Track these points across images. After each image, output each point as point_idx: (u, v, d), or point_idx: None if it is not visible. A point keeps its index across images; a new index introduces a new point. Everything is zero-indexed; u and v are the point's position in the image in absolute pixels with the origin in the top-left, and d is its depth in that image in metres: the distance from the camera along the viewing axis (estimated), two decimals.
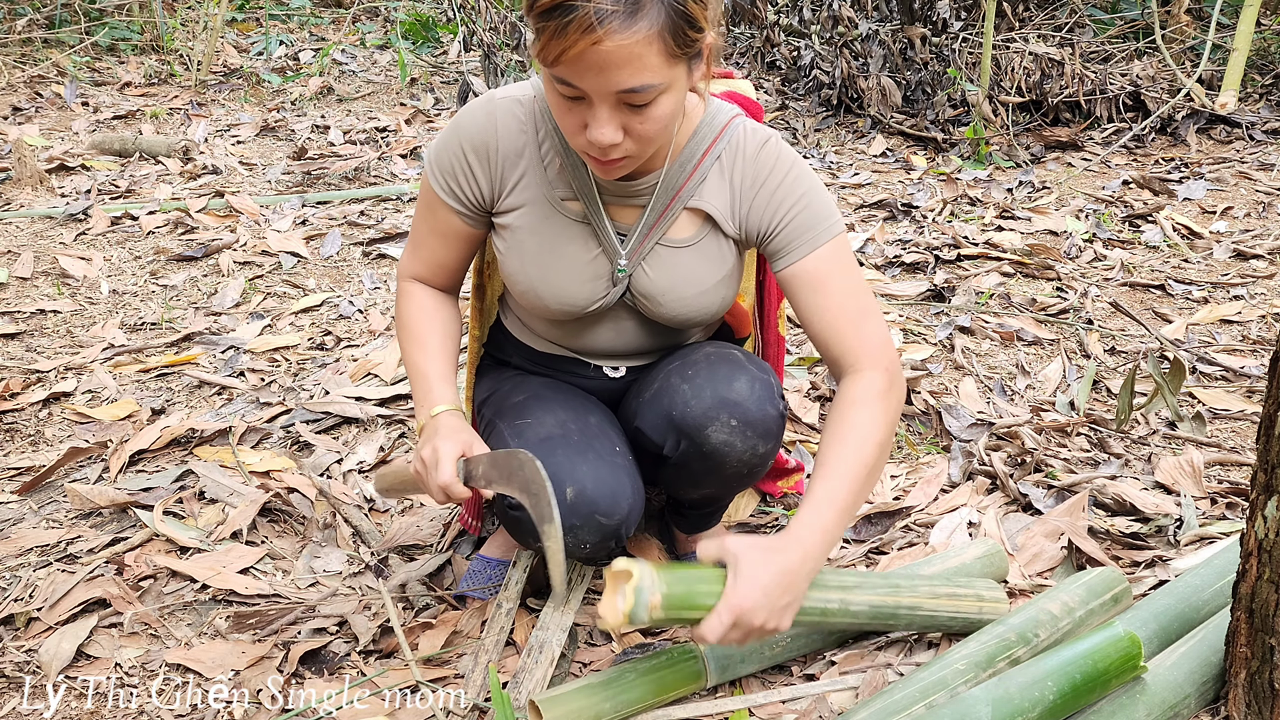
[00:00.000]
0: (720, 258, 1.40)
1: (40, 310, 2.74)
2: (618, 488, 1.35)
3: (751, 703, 1.39)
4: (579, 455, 1.35)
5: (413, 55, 5.43)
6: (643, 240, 1.38)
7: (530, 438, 1.38)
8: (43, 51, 5.32)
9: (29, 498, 1.94)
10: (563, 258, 1.38)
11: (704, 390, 1.37)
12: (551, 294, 1.39)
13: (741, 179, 1.37)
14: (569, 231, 1.38)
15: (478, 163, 1.36)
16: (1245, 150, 3.89)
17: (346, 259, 3.13)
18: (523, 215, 1.38)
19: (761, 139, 1.37)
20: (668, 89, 1.15)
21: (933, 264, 2.98)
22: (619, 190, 1.36)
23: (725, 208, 1.37)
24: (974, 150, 3.98)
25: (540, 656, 1.43)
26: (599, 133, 1.16)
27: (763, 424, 1.38)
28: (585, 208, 1.37)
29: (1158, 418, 2.13)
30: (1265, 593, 1.20)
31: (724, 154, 1.37)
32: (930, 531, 1.78)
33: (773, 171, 1.36)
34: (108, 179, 3.78)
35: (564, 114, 1.18)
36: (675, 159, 1.35)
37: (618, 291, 1.41)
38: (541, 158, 1.36)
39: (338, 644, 1.57)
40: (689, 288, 1.39)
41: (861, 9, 4.52)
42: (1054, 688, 1.23)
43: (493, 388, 1.58)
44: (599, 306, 1.42)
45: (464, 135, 1.36)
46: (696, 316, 1.42)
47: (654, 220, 1.37)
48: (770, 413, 1.39)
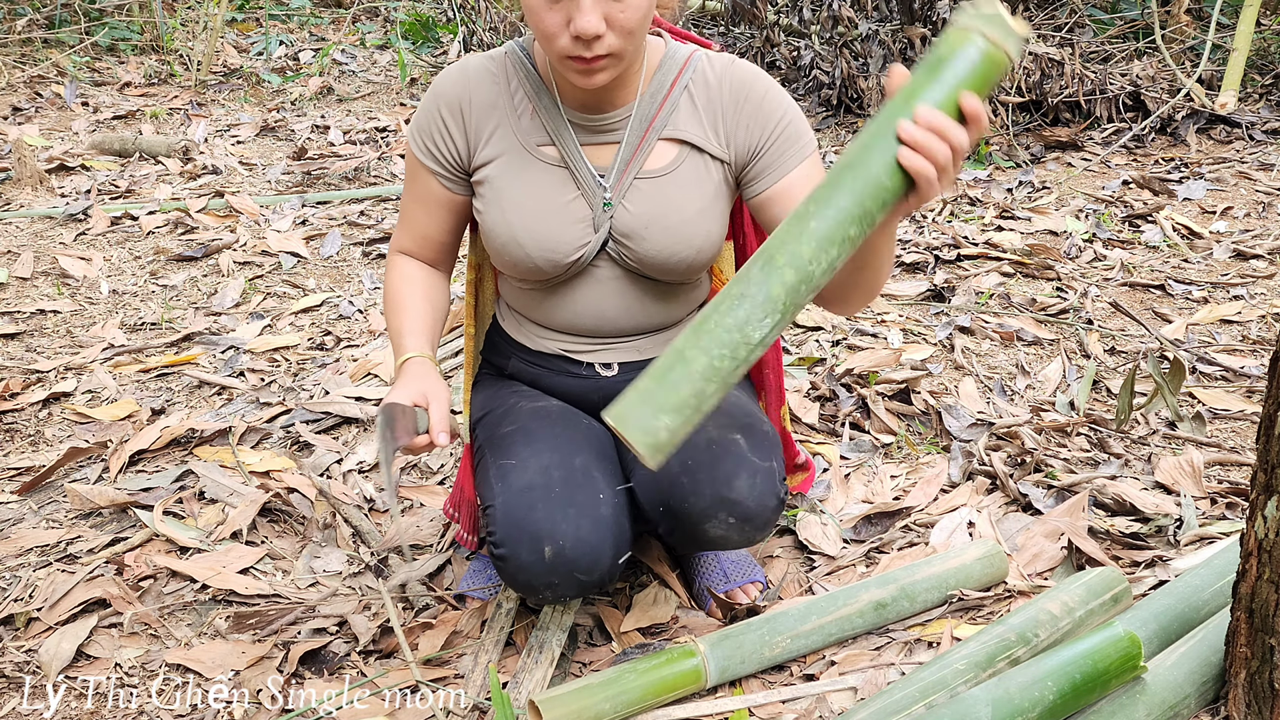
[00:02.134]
0: (700, 181, 1.39)
1: (40, 310, 2.74)
2: (598, 545, 1.32)
3: (751, 703, 1.39)
4: (559, 511, 1.32)
5: (413, 55, 5.43)
6: (621, 175, 1.38)
7: (513, 484, 1.36)
8: (43, 51, 5.32)
9: (29, 498, 1.94)
10: (542, 202, 1.38)
11: (703, 489, 1.35)
12: (533, 241, 1.38)
13: (720, 100, 1.39)
14: (547, 176, 1.38)
15: (452, 119, 1.39)
16: (1245, 150, 3.89)
17: (346, 259, 3.13)
18: (498, 166, 1.39)
19: (726, 60, 1.41)
20: None
21: (933, 264, 2.98)
22: (592, 128, 1.38)
23: (703, 130, 1.39)
24: (974, 150, 3.98)
25: (540, 656, 1.43)
26: (584, 20, 1.18)
27: (761, 516, 1.38)
28: (561, 150, 1.38)
29: (1158, 418, 2.13)
30: (1265, 593, 1.20)
31: (691, 82, 1.39)
32: (930, 531, 1.78)
33: (751, 88, 1.39)
34: (108, 179, 3.78)
35: (545, 13, 1.21)
36: (644, 92, 1.38)
37: (600, 237, 1.40)
38: (514, 107, 1.39)
39: (338, 644, 1.57)
40: (671, 215, 1.38)
41: (861, 9, 4.52)
42: (1054, 688, 1.23)
43: (487, 407, 1.57)
44: (582, 255, 1.40)
45: (439, 94, 1.40)
46: (682, 250, 1.39)
47: (630, 155, 1.38)
48: (769, 505, 1.38)
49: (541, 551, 1.30)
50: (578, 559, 1.31)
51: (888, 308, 2.71)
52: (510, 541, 1.31)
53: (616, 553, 1.35)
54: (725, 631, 1.45)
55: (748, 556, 1.70)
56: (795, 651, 1.47)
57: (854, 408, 2.21)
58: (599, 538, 1.33)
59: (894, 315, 2.67)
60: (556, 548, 1.30)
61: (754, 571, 1.67)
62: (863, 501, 1.90)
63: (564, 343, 1.52)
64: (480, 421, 1.55)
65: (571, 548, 1.30)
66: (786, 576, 1.71)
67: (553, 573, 1.31)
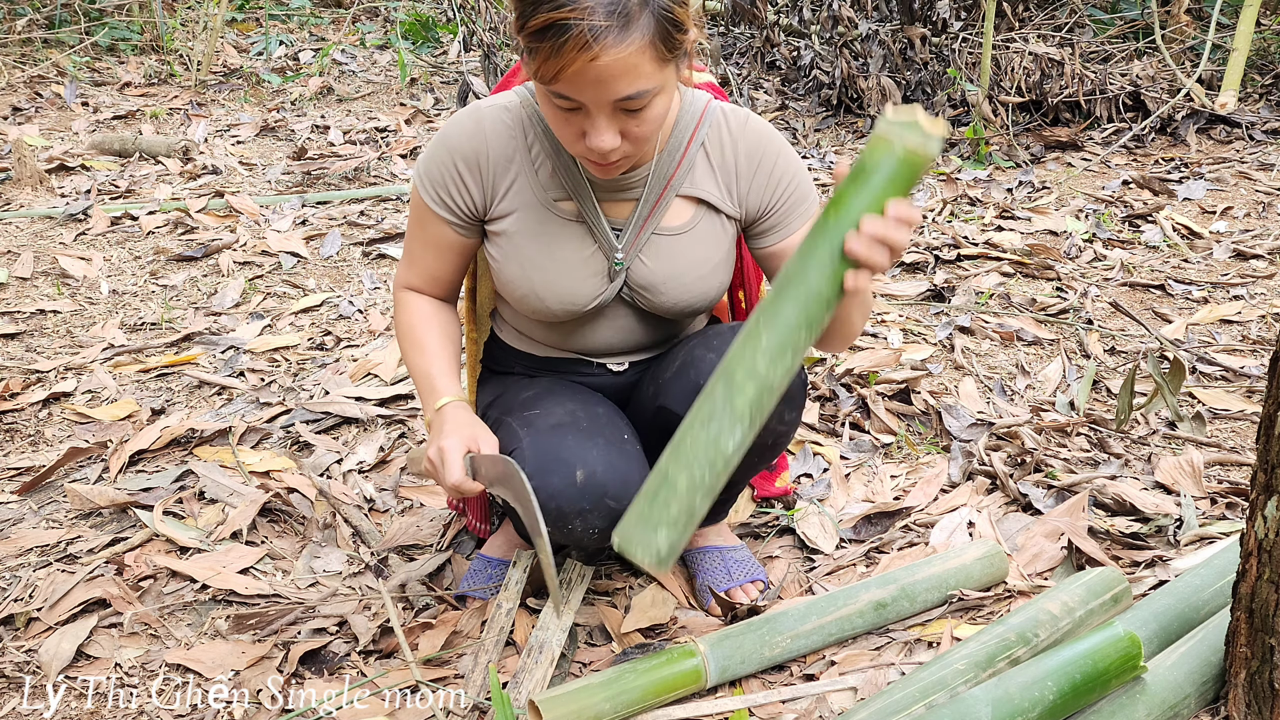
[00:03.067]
0: (715, 240, 1.42)
1: (40, 310, 2.74)
2: (628, 471, 1.35)
3: (751, 703, 1.39)
4: (588, 440, 1.36)
5: (413, 55, 5.43)
6: (638, 232, 1.40)
7: (540, 426, 1.38)
8: (43, 51, 5.32)
9: (29, 498, 1.94)
10: (560, 258, 1.39)
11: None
12: (553, 295, 1.40)
13: (735, 159, 1.40)
14: (565, 231, 1.39)
15: (468, 172, 1.37)
16: (1245, 150, 3.89)
17: (346, 259, 3.13)
18: (516, 220, 1.39)
19: (742, 118, 1.42)
20: (661, 90, 1.19)
21: (933, 264, 2.98)
22: (612, 186, 1.38)
23: (718, 190, 1.41)
24: (974, 150, 3.98)
25: (540, 656, 1.43)
26: (599, 140, 1.18)
27: (799, 396, 1.42)
28: (579, 206, 1.38)
29: (1158, 418, 2.13)
30: (1265, 593, 1.20)
31: (708, 139, 1.40)
32: (930, 531, 1.78)
33: (765, 151, 1.41)
34: (108, 179, 3.78)
35: (561, 125, 1.21)
36: (663, 150, 1.38)
37: (616, 286, 1.42)
38: (532, 161, 1.37)
39: (338, 644, 1.57)
40: (688, 274, 1.41)
41: (861, 9, 4.52)
42: (1054, 688, 1.23)
43: (498, 391, 1.58)
44: (599, 303, 1.42)
45: (453, 146, 1.37)
46: (696, 303, 1.44)
47: (648, 212, 1.39)
48: (796, 378, 1.41)
49: (573, 476, 1.32)
50: (609, 482, 1.33)
51: (888, 308, 2.71)
52: (542, 471, 1.32)
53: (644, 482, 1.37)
54: (725, 631, 1.45)
55: (749, 556, 1.70)
56: (795, 651, 1.47)
57: (854, 408, 2.21)
58: (627, 464, 1.36)
59: (894, 315, 2.67)
60: (589, 471, 1.32)
61: (755, 571, 1.67)
62: (863, 501, 1.90)
63: (573, 352, 1.54)
64: (493, 403, 1.56)
65: (603, 471, 1.33)
66: (786, 576, 1.71)
67: (583, 497, 1.32)
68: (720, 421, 1.02)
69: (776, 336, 1.02)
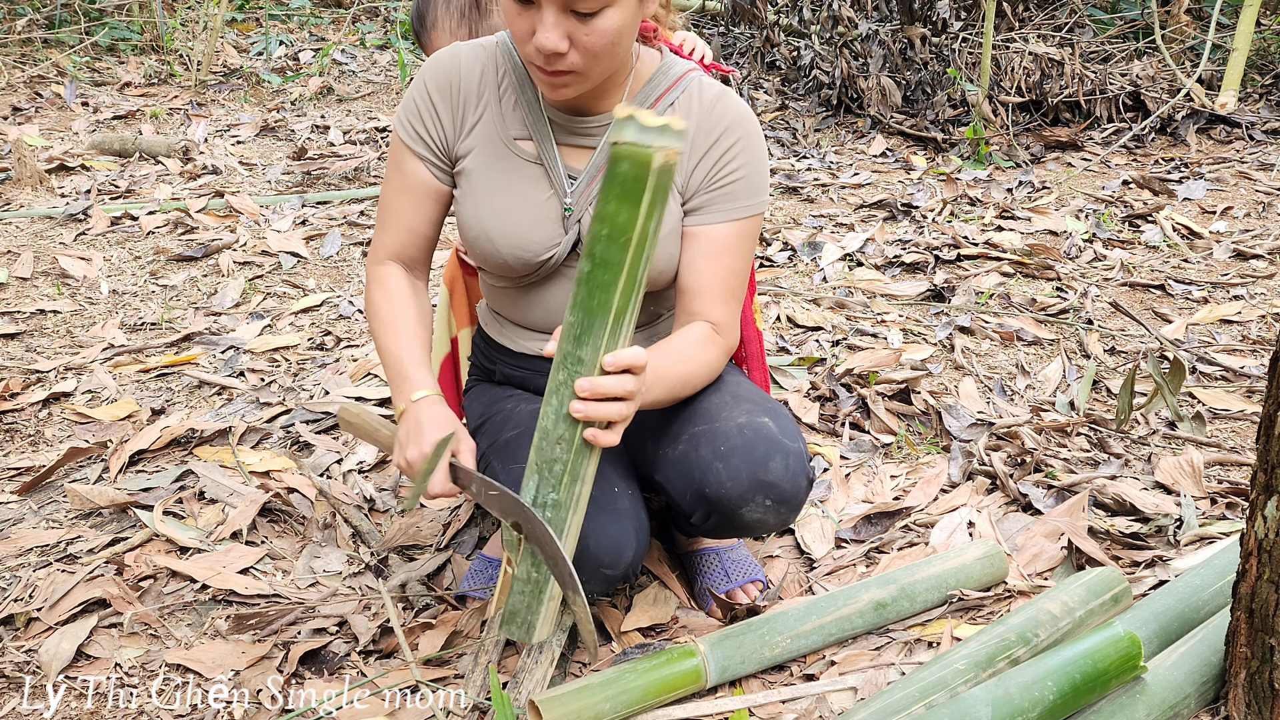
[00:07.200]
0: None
1: (40, 310, 2.74)
2: (620, 538, 1.33)
3: (751, 703, 1.39)
4: None
5: (413, 55, 5.43)
6: (591, 182, 1.38)
7: None
8: (43, 51, 5.32)
9: (29, 498, 1.94)
10: (515, 197, 1.38)
11: (740, 472, 1.34)
12: (503, 237, 1.38)
13: (694, 130, 1.37)
14: (521, 171, 1.38)
15: (441, 100, 1.38)
16: (1245, 150, 3.89)
17: (346, 259, 3.13)
18: (477, 156, 1.39)
19: (717, 93, 1.39)
20: (614, 3, 1.19)
21: (933, 264, 2.98)
22: (571, 129, 1.37)
23: None
24: (974, 150, 3.98)
25: (540, 656, 1.43)
26: (544, 36, 1.19)
27: (795, 498, 1.38)
28: (538, 146, 1.37)
29: (1158, 418, 2.13)
30: (1265, 593, 1.20)
31: (678, 101, 1.38)
32: (930, 532, 1.78)
33: (727, 129, 1.37)
34: (108, 179, 3.78)
35: (514, 18, 1.22)
36: (629, 101, 1.36)
37: (570, 239, 1.39)
38: (500, 95, 1.38)
39: (338, 644, 1.57)
40: None
41: (861, 9, 4.52)
42: (1054, 688, 1.23)
43: (485, 413, 1.56)
44: (552, 255, 1.40)
45: (429, 76, 1.39)
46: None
47: (602, 162, 1.37)
48: (802, 485, 1.38)
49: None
50: (601, 554, 1.31)
51: (888, 308, 2.71)
52: None
53: (638, 544, 1.35)
54: (725, 631, 1.45)
55: (748, 556, 1.70)
56: (795, 651, 1.47)
57: (854, 408, 2.21)
58: (620, 530, 1.33)
59: (894, 315, 2.67)
60: (580, 547, 1.29)
61: (754, 571, 1.67)
62: (863, 501, 1.90)
63: (543, 343, 1.51)
64: (481, 429, 1.54)
65: (595, 544, 1.31)
66: (786, 576, 1.71)
67: (577, 569, 1.30)
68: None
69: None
